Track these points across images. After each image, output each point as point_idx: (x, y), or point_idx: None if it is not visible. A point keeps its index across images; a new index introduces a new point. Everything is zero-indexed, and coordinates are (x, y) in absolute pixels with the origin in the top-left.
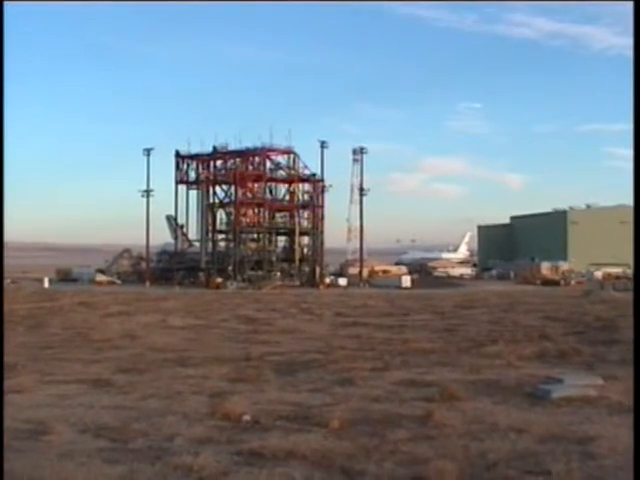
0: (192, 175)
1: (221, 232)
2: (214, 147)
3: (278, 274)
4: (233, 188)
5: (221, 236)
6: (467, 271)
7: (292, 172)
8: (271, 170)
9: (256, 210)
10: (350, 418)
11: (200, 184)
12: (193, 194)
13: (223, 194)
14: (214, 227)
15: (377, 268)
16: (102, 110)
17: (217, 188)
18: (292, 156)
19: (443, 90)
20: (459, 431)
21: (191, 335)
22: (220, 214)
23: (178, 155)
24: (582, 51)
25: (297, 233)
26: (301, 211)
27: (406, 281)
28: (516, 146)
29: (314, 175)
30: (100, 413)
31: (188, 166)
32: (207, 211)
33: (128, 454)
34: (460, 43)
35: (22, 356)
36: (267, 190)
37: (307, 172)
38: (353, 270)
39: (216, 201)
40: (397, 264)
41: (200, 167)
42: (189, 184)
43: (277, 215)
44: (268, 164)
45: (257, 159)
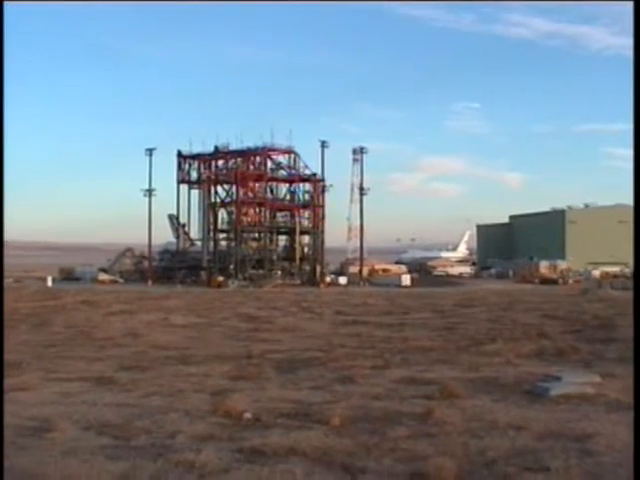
0: (194, 175)
1: (222, 231)
2: (215, 147)
3: (279, 273)
4: (234, 188)
5: (222, 235)
6: (466, 270)
7: (293, 172)
8: (272, 170)
9: (257, 209)
10: (350, 415)
11: (202, 184)
12: (195, 194)
13: (224, 194)
14: (215, 226)
15: (377, 267)
16: (103, 110)
17: (218, 188)
18: (293, 156)
19: (442, 90)
20: (459, 428)
21: (193, 333)
22: (221, 213)
23: (180, 155)
24: (580, 51)
25: (298, 232)
26: (302, 210)
27: (406, 280)
28: (515, 146)
29: (314, 175)
30: (103, 410)
31: (190, 166)
32: (209, 210)
33: (131, 451)
34: (458, 43)
35: (26, 354)
36: (268, 190)
37: (308, 172)
38: (353, 269)
39: (217, 200)
40: (397, 263)
41: (202, 167)
42: (191, 184)
43: (278, 214)
44: (269, 164)
45: (258, 159)
